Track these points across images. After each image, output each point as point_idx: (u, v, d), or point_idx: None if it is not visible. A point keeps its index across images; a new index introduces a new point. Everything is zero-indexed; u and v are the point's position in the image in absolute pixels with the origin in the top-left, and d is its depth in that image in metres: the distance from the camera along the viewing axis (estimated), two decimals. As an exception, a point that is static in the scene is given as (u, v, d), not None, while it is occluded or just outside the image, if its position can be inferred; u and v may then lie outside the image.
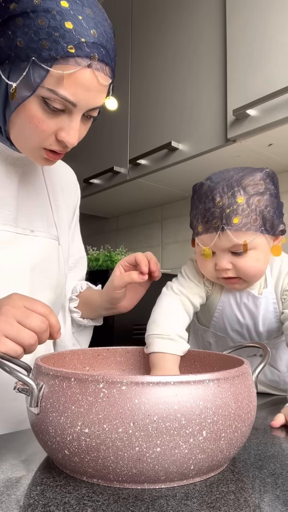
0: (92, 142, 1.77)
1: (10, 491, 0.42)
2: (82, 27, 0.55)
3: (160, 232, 1.87)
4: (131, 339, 1.37)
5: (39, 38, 0.54)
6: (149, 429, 0.41)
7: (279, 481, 0.45)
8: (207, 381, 0.43)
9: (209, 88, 1.24)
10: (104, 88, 0.61)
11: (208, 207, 0.71)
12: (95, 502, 0.39)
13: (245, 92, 1.10)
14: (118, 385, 0.41)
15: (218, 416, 0.43)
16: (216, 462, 0.45)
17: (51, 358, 0.61)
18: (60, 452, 0.44)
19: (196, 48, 1.30)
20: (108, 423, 0.41)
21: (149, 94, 1.48)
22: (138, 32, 1.57)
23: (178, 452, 0.41)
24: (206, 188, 0.73)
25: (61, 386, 0.44)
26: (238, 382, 0.46)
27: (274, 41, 1.05)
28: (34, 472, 0.47)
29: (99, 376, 0.42)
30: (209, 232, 0.72)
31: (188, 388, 0.42)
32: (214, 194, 0.71)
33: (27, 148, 0.65)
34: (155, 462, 0.41)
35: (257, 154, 1.24)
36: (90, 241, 2.21)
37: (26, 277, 0.72)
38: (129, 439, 0.40)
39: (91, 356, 0.69)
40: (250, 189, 0.69)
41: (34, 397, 0.46)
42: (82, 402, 0.42)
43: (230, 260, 0.73)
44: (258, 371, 0.54)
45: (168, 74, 1.40)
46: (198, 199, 0.75)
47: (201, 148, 1.25)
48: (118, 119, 1.63)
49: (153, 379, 0.41)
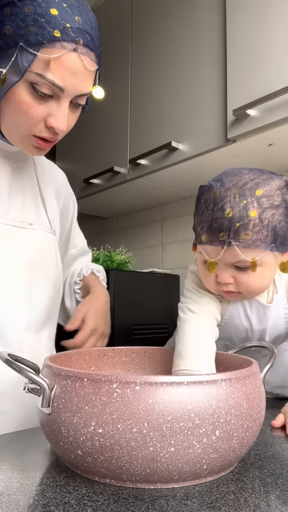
0: (92, 142, 1.77)
1: (10, 491, 0.42)
2: (67, 13, 0.58)
3: (160, 232, 1.87)
4: (131, 339, 1.37)
5: (26, 25, 0.57)
6: (163, 429, 0.41)
7: (279, 481, 0.45)
8: (220, 381, 0.44)
9: (209, 88, 1.24)
10: (90, 74, 0.63)
11: (216, 216, 0.63)
12: (95, 502, 0.39)
13: (245, 92, 1.10)
14: (132, 385, 0.42)
15: (230, 415, 0.43)
16: (228, 461, 0.45)
17: (58, 358, 0.61)
18: (73, 452, 0.44)
19: (196, 48, 1.30)
20: (122, 423, 0.41)
21: (149, 94, 1.48)
22: (138, 32, 1.57)
23: (192, 452, 0.41)
24: (215, 193, 0.65)
25: (74, 386, 0.44)
26: (248, 382, 0.47)
27: (274, 41, 1.05)
28: (34, 472, 0.47)
29: (112, 376, 0.42)
30: (214, 244, 0.65)
31: (201, 388, 0.42)
32: (224, 202, 0.63)
33: (17, 136, 0.66)
34: (169, 462, 0.41)
35: (257, 154, 1.24)
36: (90, 241, 2.20)
37: (24, 273, 0.71)
38: (144, 439, 0.41)
39: (97, 356, 0.69)
40: (265, 201, 0.62)
41: (46, 397, 0.45)
42: (96, 402, 0.42)
43: (233, 274, 0.67)
44: (265, 371, 0.55)
45: (168, 74, 1.40)
46: (205, 203, 0.67)
47: (201, 148, 1.25)
48: (118, 119, 1.63)
49: (167, 379, 0.42)
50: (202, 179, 1.48)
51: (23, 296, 0.71)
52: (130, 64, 1.59)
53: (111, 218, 2.18)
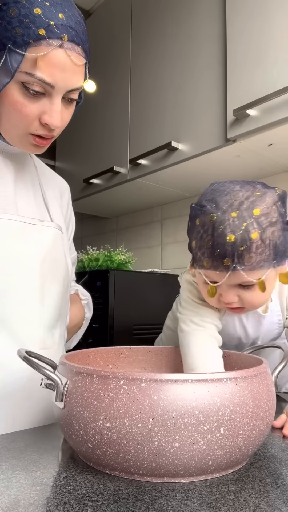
0: (92, 142, 1.77)
1: (10, 491, 0.42)
2: (50, 11, 0.59)
3: (160, 232, 1.87)
4: (131, 339, 1.37)
5: (12, 27, 0.58)
6: (168, 425, 0.42)
7: (279, 481, 0.45)
8: (225, 379, 0.44)
9: (209, 88, 1.24)
10: (79, 68, 0.64)
11: (218, 242, 0.62)
12: (95, 502, 0.39)
13: (245, 92, 1.10)
14: (137, 382, 0.43)
15: (235, 413, 0.44)
16: (235, 459, 0.45)
17: (76, 356, 0.64)
18: (84, 445, 0.46)
19: (196, 48, 1.29)
20: (129, 418, 0.42)
21: (149, 94, 1.48)
22: (138, 32, 1.56)
23: (197, 447, 0.42)
24: (213, 217, 0.63)
25: (84, 382, 0.46)
26: (256, 381, 0.47)
27: (274, 40, 1.05)
28: (34, 472, 0.47)
29: (119, 373, 0.44)
30: (218, 270, 0.63)
31: (205, 386, 0.43)
32: (224, 227, 0.61)
33: (15, 136, 0.68)
34: (174, 456, 0.42)
35: (257, 154, 1.24)
36: (90, 241, 2.21)
37: (37, 269, 0.71)
38: (149, 433, 0.42)
39: (114, 355, 0.71)
40: (264, 220, 0.61)
41: (59, 392, 0.48)
42: (104, 398, 0.44)
43: (237, 293, 0.67)
44: (278, 370, 0.55)
45: (168, 74, 1.40)
46: (202, 227, 0.64)
47: (201, 148, 1.25)
48: (118, 119, 1.63)
49: (172, 377, 0.43)
50: (202, 179, 1.49)
51: (36, 292, 0.71)
52: (130, 64, 1.59)
53: (111, 218, 2.17)
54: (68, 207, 0.91)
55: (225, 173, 1.41)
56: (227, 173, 1.42)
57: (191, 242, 0.68)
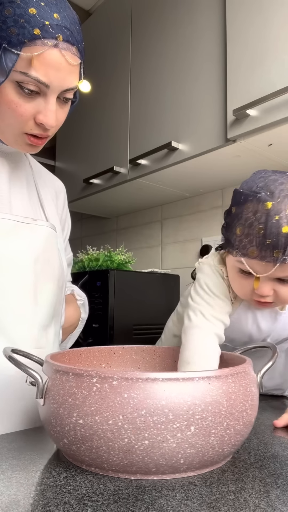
0: (92, 142, 1.77)
1: (10, 491, 0.42)
2: (45, 11, 0.59)
3: (160, 232, 1.87)
4: (131, 339, 1.37)
5: (7, 27, 0.59)
6: (137, 422, 0.42)
7: (279, 481, 0.45)
8: (197, 378, 0.45)
9: (209, 88, 1.24)
10: (74, 68, 0.64)
11: (271, 232, 0.59)
12: (95, 502, 0.39)
13: (245, 92, 1.10)
14: (109, 380, 0.44)
15: (207, 412, 0.44)
16: (208, 458, 0.45)
17: (66, 354, 0.64)
18: (61, 440, 0.47)
19: (196, 48, 1.30)
20: (100, 415, 0.43)
21: (149, 94, 1.48)
22: (138, 32, 1.57)
23: (166, 445, 0.43)
24: (267, 205, 0.60)
25: (61, 380, 0.47)
26: (232, 381, 0.47)
27: (274, 41, 1.05)
28: (34, 472, 0.47)
29: (92, 371, 0.45)
30: (265, 261, 0.61)
31: (176, 385, 0.44)
32: (280, 218, 0.59)
33: (10, 135, 0.68)
34: (144, 454, 0.43)
35: (257, 154, 1.24)
36: (90, 241, 2.21)
37: (30, 268, 0.71)
38: (119, 431, 0.43)
39: (107, 354, 0.71)
40: None
41: (40, 389, 0.49)
42: (77, 395, 0.45)
43: (274, 286, 0.66)
44: (264, 370, 0.55)
45: (168, 74, 1.40)
46: (254, 214, 0.62)
47: (201, 148, 1.25)
48: (118, 119, 1.63)
49: (142, 376, 0.43)
50: (202, 179, 1.49)
51: (29, 292, 0.71)
52: (130, 64, 1.59)
53: (111, 218, 2.17)
54: (64, 208, 0.91)
55: (225, 173, 1.41)
56: (227, 173, 1.42)
57: (235, 228, 0.65)
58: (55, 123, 0.66)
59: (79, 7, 2.18)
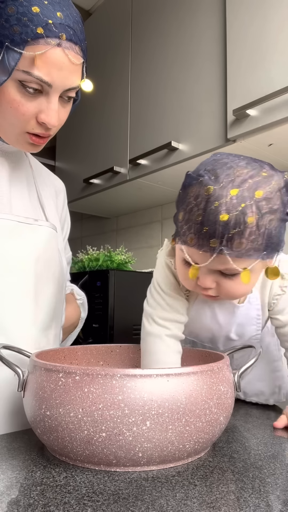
0: (92, 142, 1.77)
1: (10, 491, 0.42)
2: (48, 10, 0.59)
3: (160, 232, 1.87)
4: (131, 339, 1.37)
5: (10, 25, 0.58)
6: (95, 416, 0.45)
7: (279, 481, 0.45)
8: (155, 375, 0.46)
9: (209, 88, 1.24)
10: (77, 67, 0.64)
11: (208, 219, 0.54)
12: (95, 502, 0.39)
13: (245, 92, 1.10)
14: (73, 375, 0.47)
15: (163, 409, 0.46)
16: (169, 453, 0.47)
17: (61, 352, 0.66)
18: (36, 430, 0.51)
19: (196, 48, 1.30)
20: (63, 408, 0.47)
21: (149, 94, 1.48)
22: (138, 32, 1.56)
23: (123, 438, 0.45)
24: (209, 190, 0.55)
25: (36, 374, 0.51)
26: (194, 379, 0.48)
27: (274, 40, 1.05)
28: (34, 472, 0.47)
29: (60, 367, 0.48)
30: (202, 250, 0.56)
31: (134, 381, 0.46)
32: (219, 204, 0.53)
33: (12, 134, 0.68)
34: (103, 445, 0.45)
35: (257, 154, 1.24)
36: (90, 241, 2.21)
37: (31, 269, 0.71)
38: (79, 423, 0.46)
39: (104, 352, 0.73)
40: (264, 205, 0.54)
41: (20, 382, 0.54)
42: (46, 389, 0.48)
43: (216, 279, 0.60)
44: (242, 370, 0.55)
45: (168, 74, 1.40)
46: (195, 199, 0.57)
47: (201, 148, 1.25)
48: (118, 119, 1.63)
49: (103, 371, 0.46)
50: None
51: (29, 292, 0.71)
52: (130, 64, 1.59)
53: (111, 218, 2.17)
54: (64, 207, 0.91)
55: (225, 173, 1.41)
56: (227, 173, 1.42)
57: (178, 213, 0.60)
58: (57, 122, 0.66)
59: (79, 7, 2.18)
